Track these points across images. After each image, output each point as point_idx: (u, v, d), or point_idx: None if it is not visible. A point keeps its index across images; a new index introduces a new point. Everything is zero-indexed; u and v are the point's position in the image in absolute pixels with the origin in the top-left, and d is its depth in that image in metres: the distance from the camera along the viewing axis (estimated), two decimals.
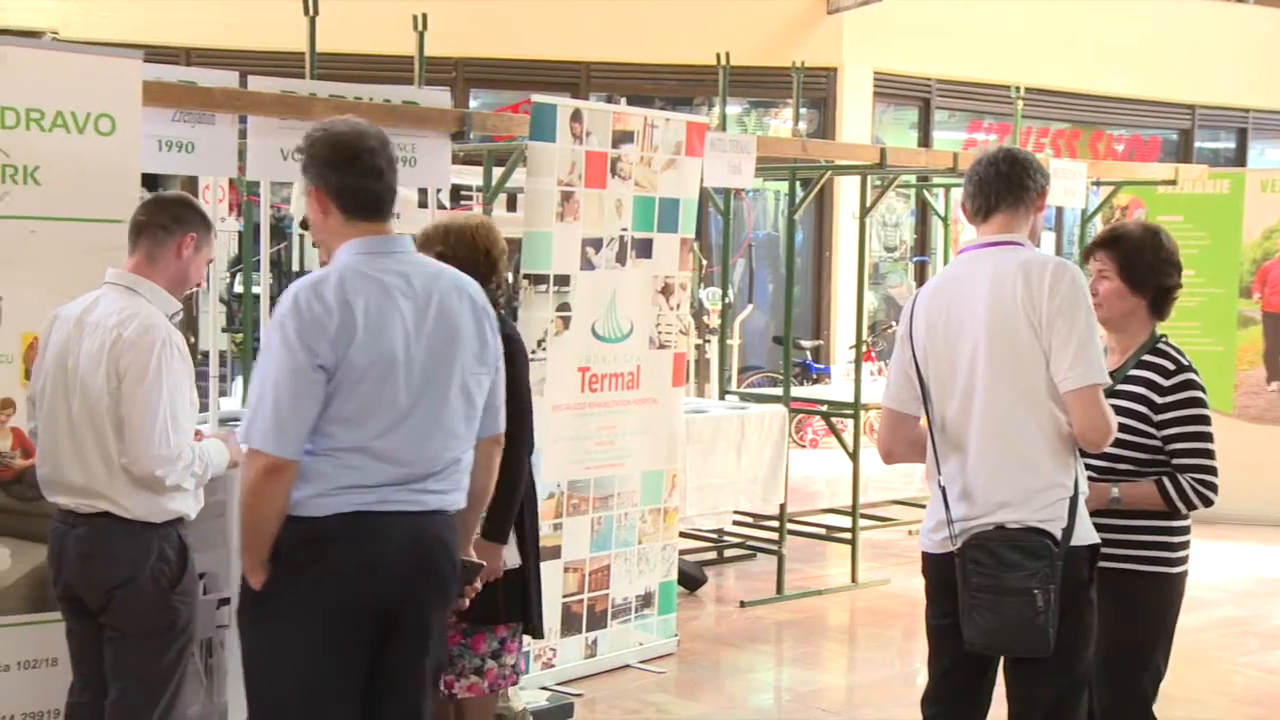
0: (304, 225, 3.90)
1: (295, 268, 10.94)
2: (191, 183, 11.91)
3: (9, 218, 4.10)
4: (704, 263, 11.75)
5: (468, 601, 3.62)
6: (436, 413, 3.18)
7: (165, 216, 3.83)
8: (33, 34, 10.71)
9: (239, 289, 9.24)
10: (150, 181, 4.28)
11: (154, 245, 3.81)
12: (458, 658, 4.22)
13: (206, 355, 7.17)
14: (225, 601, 4.55)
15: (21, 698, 4.20)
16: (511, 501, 4.09)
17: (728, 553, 8.22)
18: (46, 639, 4.19)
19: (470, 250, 4.15)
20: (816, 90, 13.31)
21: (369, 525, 3.11)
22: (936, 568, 3.56)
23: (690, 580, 7.29)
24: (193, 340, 10.44)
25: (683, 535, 6.94)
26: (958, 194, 11.00)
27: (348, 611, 3.12)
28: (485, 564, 3.71)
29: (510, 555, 4.16)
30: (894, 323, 13.90)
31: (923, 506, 10.12)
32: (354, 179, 3.19)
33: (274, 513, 3.09)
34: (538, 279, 5.60)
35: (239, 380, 7.48)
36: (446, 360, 3.19)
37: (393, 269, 3.17)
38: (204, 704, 4.63)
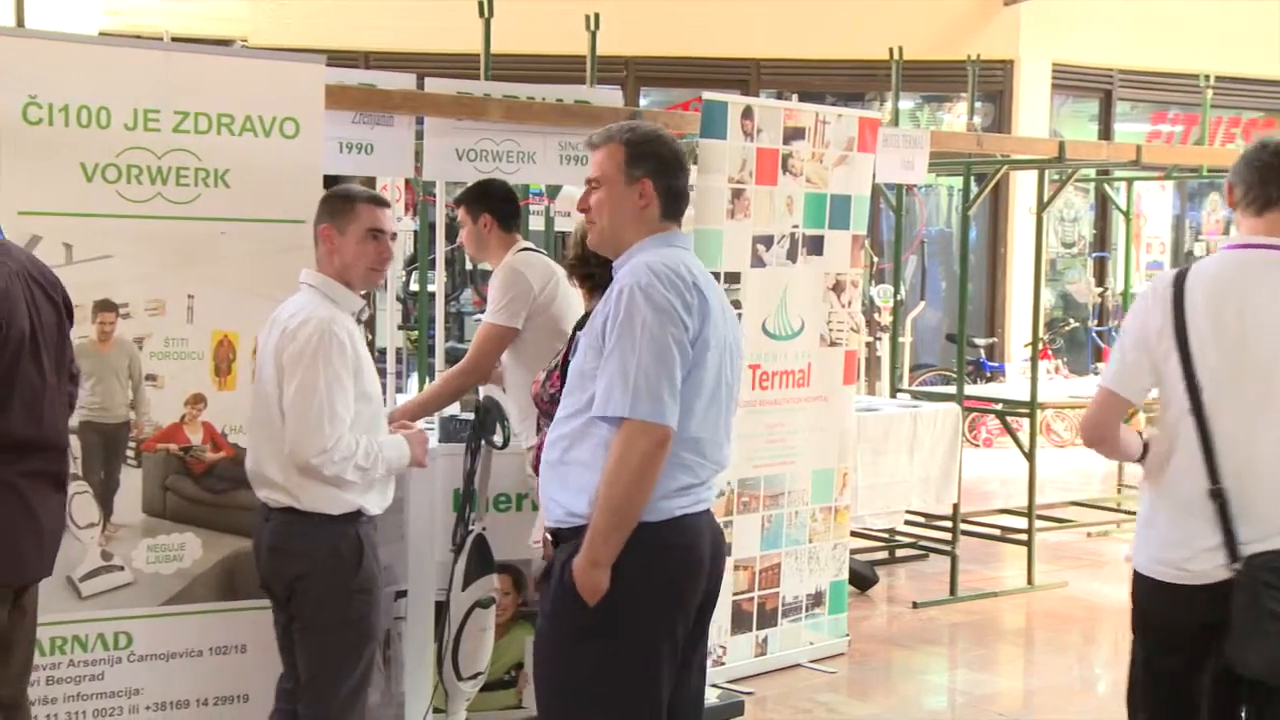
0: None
1: (469, 265, 11.14)
2: (369, 183, 12.25)
3: (200, 219, 4.25)
4: (875, 259, 11.62)
5: None
6: (730, 405, 3.23)
7: (315, 216, 3.93)
8: (223, 42, 11.11)
9: (415, 287, 9.44)
10: (331, 182, 4.39)
11: (316, 245, 3.90)
12: None
13: (383, 352, 7.36)
14: (403, 594, 4.66)
15: (213, 682, 4.35)
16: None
17: (899, 552, 8.12)
18: (236, 626, 4.36)
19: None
20: (992, 83, 13.05)
21: (695, 526, 3.12)
22: (1189, 599, 3.20)
23: (861, 580, 7.22)
24: (370, 337, 10.73)
25: (854, 534, 6.88)
26: (1140, 188, 10.69)
27: (683, 618, 3.12)
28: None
29: None
30: (1071, 320, 13.56)
31: (1102, 508, 9.86)
32: (683, 183, 3.31)
33: (650, 495, 3.01)
34: None
35: (414, 377, 7.64)
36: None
37: (696, 265, 3.21)
38: (383, 694, 4.74)
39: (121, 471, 4.25)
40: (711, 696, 5.28)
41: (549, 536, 3.26)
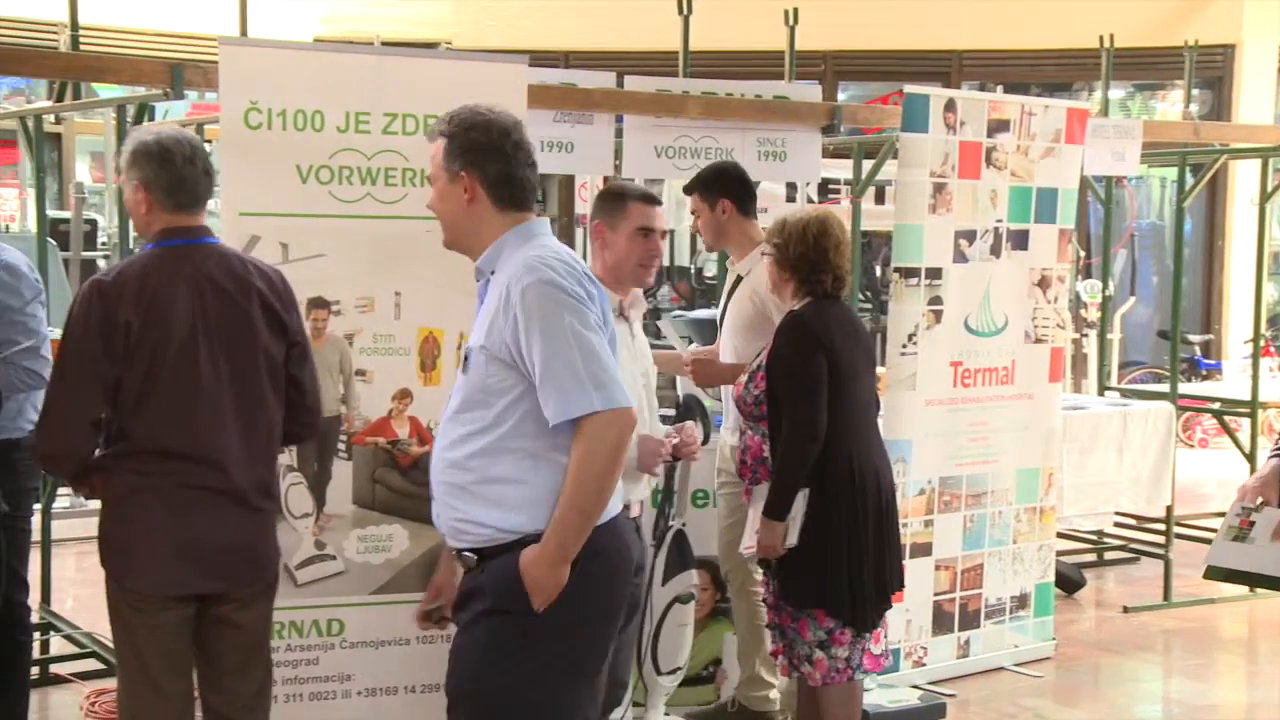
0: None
1: (666, 262, 11.19)
2: (569, 181, 12.43)
3: (408, 218, 4.34)
4: (1082, 254, 11.29)
5: None
6: None
7: (589, 213, 3.95)
8: (429, 45, 11.41)
9: None
10: None
11: (589, 242, 3.94)
12: (792, 642, 4.24)
13: None
14: None
15: (420, 670, 4.46)
16: (783, 478, 4.10)
17: (1108, 555, 7.87)
18: None
19: (800, 243, 4.21)
20: (1210, 69, 12.54)
21: (624, 526, 3.10)
22: None
23: (1068, 582, 7.03)
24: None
25: (1060, 536, 6.70)
26: None
27: (615, 625, 3.07)
28: None
29: (791, 534, 4.14)
30: None
31: None
32: (514, 168, 3.05)
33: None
34: (908, 272, 5.51)
35: None
36: None
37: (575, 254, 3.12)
38: None
39: (333, 464, 4.39)
40: (913, 698, 5.20)
41: (470, 555, 3.01)
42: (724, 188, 4.84)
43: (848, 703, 4.31)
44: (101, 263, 9.67)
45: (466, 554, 3.00)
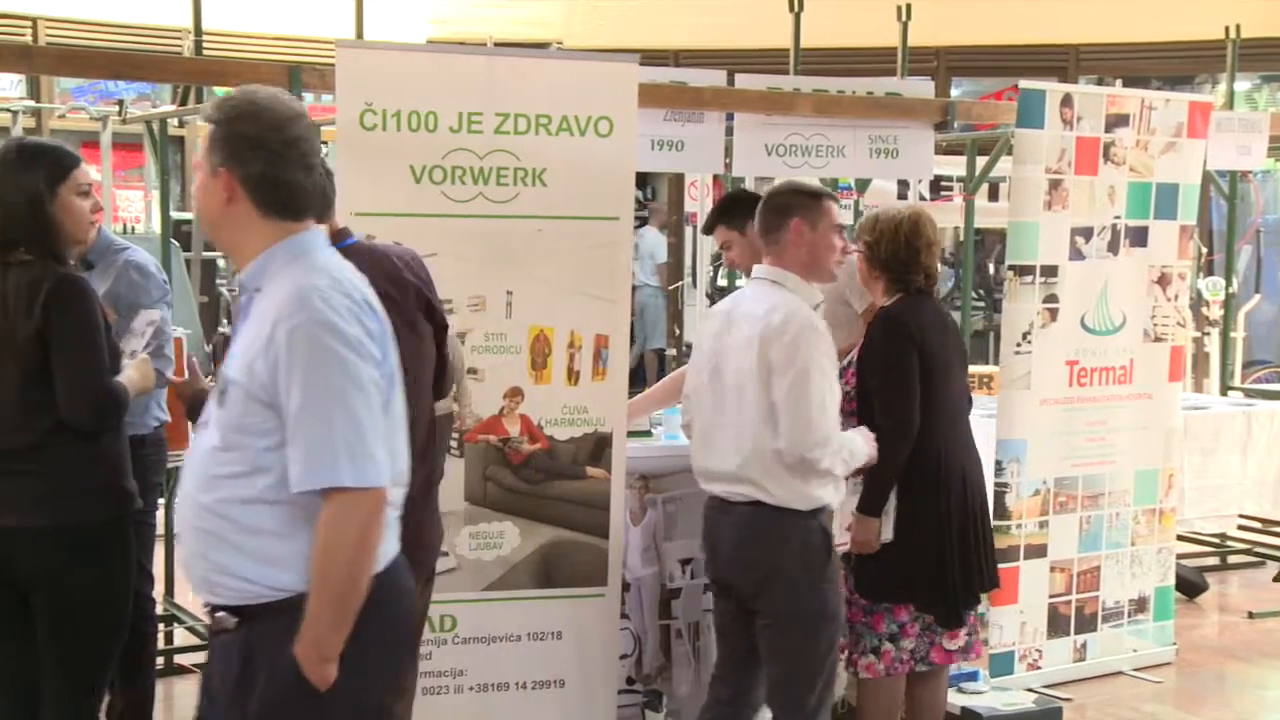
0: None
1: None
2: (678, 179, 12.44)
3: (519, 217, 4.38)
4: (1204, 250, 11.03)
5: None
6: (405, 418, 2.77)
7: (772, 213, 3.94)
8: (540, 45, 11.49)
9: (723, 282, 9.52)
10: (640, 179, 4.47)
11: (775, 244, 3.92)
12: (860, 635, 4.25)
13: (690, 347, 7.46)
14: (709, 587, 4.69)
15: (530, 666, 4.50)
16: (877, 474, 4.09)
17: (1232, 559, 7.67)
18: (552, 613, 4.48)
19: (892, 241, 4.22)
20: None
21: (402, 563, 2.73)
22: None
23: (1190, 586, 6.87)
24: (679, 332, 10.88)
25: (1181, 538, 6.55)
26: None
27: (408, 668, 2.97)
28: None
29: (885, 529, 4.16)
30: None
31: None
32: (284, 170, 2.66)
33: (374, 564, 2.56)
34: (1023, 270, 5.43)
35: None
36: None
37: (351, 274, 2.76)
38: (691, 685, 4.80)
39: (446, 461, 4.43)
40: (1027, 701, 5.13)
41: (225, 615, 2.58)
42: (746, 211, 4.69)
43: (893, 698, 4.34)
44: (221, 263, 9.89)
45: (221, 614, 2.56)
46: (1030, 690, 5.32)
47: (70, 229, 3.50)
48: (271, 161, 2.58)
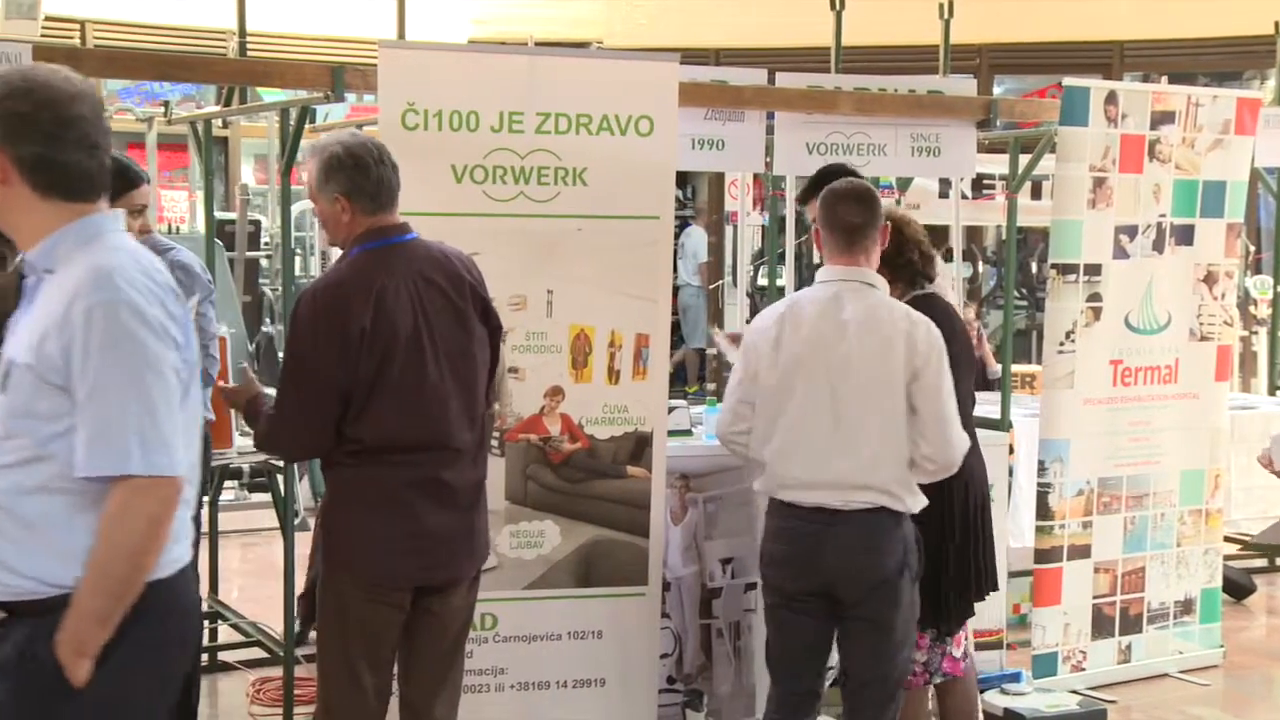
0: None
1: (816, 260, 11.11)
2: (718, 178, 12.42)
3: (560, 216, 4.39)
4: (1251, 249, 10.90)
5: None
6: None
7: (865, 206, 3.88)
8: (580, 45, 11.50)
9: (763, 282, 9.50)
10: (680, 178, 4.46)
11: (869, 241, 3.86)
12: None
13: None
14: (752, 586, 4.69)
15: (571, 664, 4.50)
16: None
17: None
18: (592, 612, 4.49)
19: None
20: None
21: (189, 578, 2.62)
22: None
23: (1237, 588, 6.79)
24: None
25: (1228, 540, 6.48)
26: None
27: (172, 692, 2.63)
28: None
29: None
30: None
31: None
32: (61, 151, 2.48)
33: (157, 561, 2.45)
34: (1066, 269, 5.39)
35: None
36: None
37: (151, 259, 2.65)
38: (733, 685, 4.80)
39: (488, 460, 4.44)
40: (1071, 703, 5.09)
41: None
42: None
43: (914, 704, 4.27)
44: (264, 262, 9.96)
45: None
46: (1074, 692, 5.28)
47: None
48: (46, 142, 2.41)
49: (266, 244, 10.09)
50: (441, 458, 3.48)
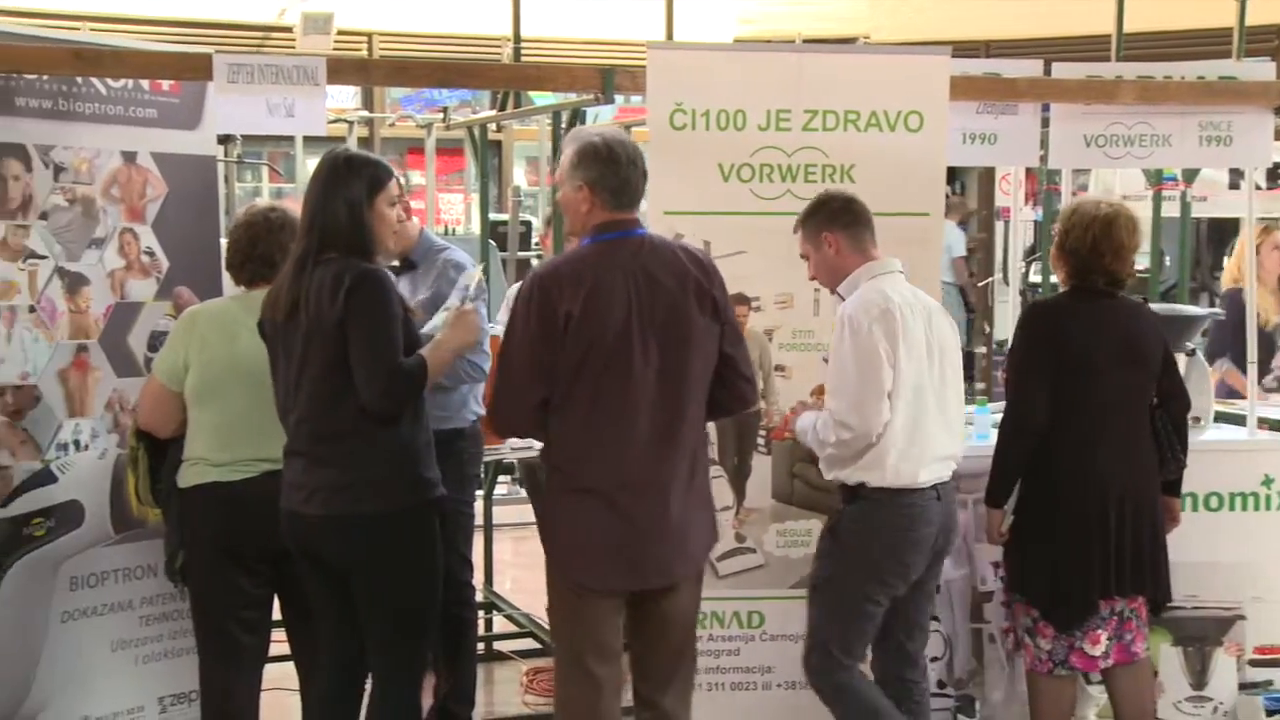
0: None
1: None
2: (988, 173, 12.10)
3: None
4: None
5: None
6: None
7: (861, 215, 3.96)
8: (847, 41, 11.41)
9: (1035, 279, 9.22)
10: (951, 175, 4.39)
11: (872, 238, 4.01)
12: (1017, 620, 4.24)
13: (1002, 344, 7.25)
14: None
15: None
16: (995, 467, 4.17)
17: None
18: None
19: (1080, 237, 4.15)
20: None
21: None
22: None
23: None
24: (988, 330, 10.60)
25: None
26: None
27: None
28: None
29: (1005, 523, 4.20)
30: None
31: None
32: None
33: None
34: None
35: None
36: None
37: None
38: (1006, 691, 4.67)
39: (753, 458, 4.45)
40: None
41: None
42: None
43: (1054, 698, 4.20)
44: (534, 262, 10.22)
45: None
46: None
47: (381, 235, 3.63)
48: None
49: (537, 244, 10.35)
50: (644, 456, 3.45)
